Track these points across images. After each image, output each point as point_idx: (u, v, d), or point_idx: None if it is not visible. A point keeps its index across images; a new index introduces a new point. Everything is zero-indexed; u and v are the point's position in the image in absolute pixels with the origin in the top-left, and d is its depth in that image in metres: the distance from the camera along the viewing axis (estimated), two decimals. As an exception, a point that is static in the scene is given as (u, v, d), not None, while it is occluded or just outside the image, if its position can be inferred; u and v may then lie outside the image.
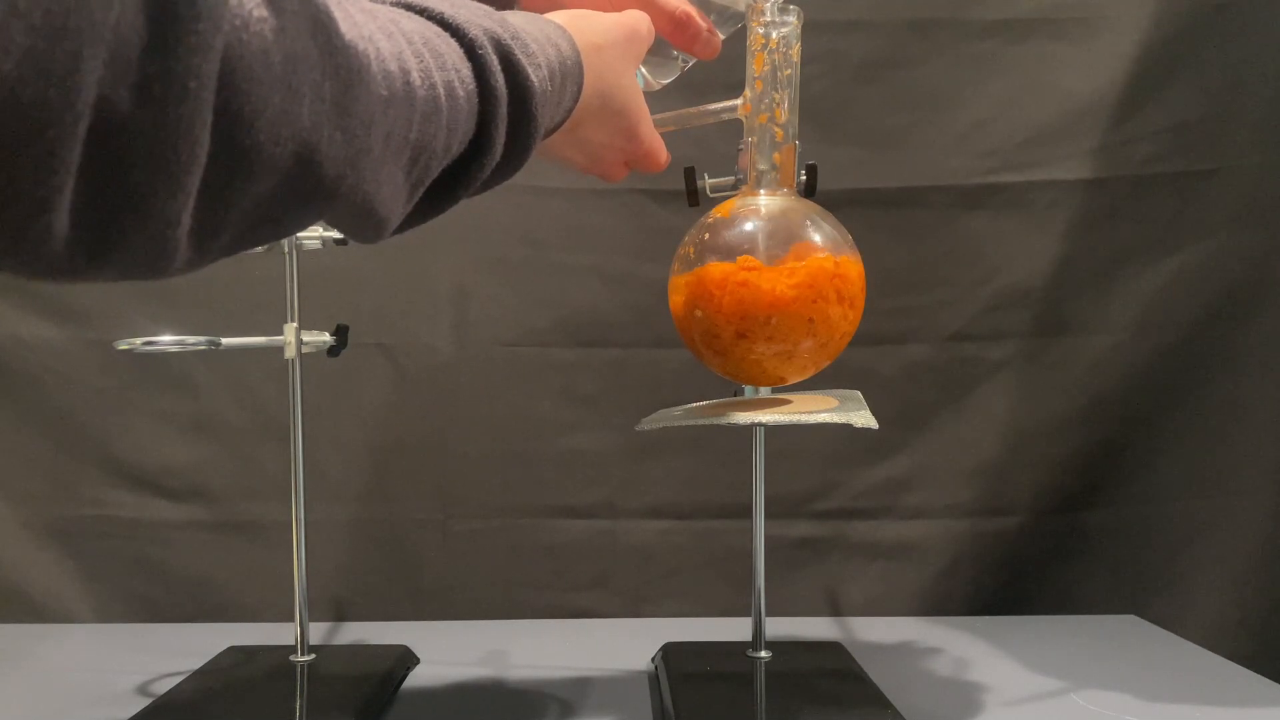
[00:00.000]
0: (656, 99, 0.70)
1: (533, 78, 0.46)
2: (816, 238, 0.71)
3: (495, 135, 0.45)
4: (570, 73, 0.52)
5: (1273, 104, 1.00)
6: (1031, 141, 1.00)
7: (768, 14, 0.72)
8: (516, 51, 0.45)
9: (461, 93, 0.42)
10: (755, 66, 0.73)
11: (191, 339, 0.77)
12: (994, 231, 1.01)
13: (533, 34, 0.48)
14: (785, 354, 0.71)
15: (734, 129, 0.75)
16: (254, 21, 0.29)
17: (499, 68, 0.44)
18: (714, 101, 0.74)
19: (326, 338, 0.82)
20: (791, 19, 0.72)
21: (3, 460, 1.00)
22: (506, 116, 0.45)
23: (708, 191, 0.76)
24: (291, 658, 0.82)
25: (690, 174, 0.75)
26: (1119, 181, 1.00)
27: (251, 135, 0.30)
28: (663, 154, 0.66)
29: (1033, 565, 1.03)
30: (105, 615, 1.00)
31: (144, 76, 0.27)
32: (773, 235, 0.71)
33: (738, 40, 0.74)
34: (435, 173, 0.43)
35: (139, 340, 0.76)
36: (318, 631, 0.97)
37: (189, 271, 0.33)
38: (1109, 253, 1.01)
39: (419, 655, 0.88)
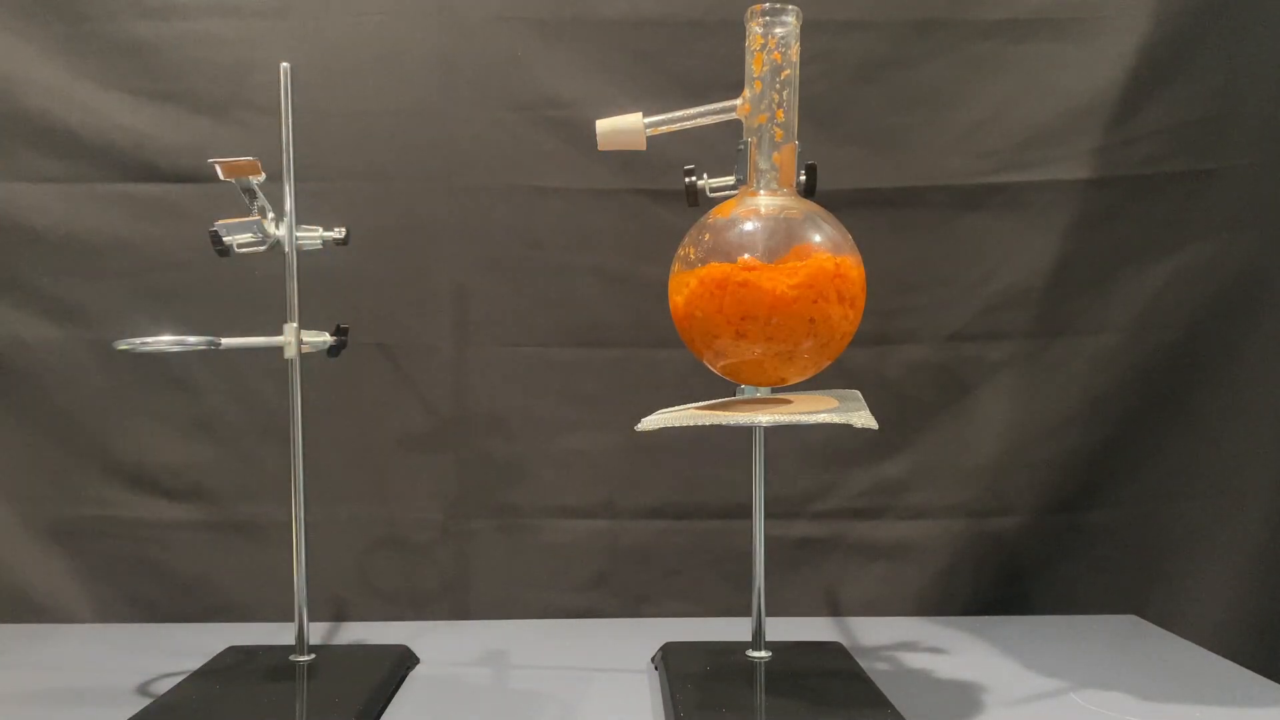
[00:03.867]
0: (657, 99, 0.70)
1: None
2: (817, 238, 0.71)
3: None
4: None
5: (1273, 104, 1.00)
6: (1031, 141, 1.00)
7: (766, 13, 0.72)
8: None
9: None
10: (754, 66, 0.73)
11: (191, 339, 0.77)
12: (994, 231, 1.01)
13: None
14: (786, 354, 0.71)
15: (734, 129, 0.75)
16: None
17: None
18: (714, 101, 0.74)
19: (326, 338, 0.82)
20: (790, 19, 0.72)
21: (3, 460, 1.00)
22: None
23: (708, 191, 0.76)
24: (291, 658, 0.83)
25: (690, 174, 0.75)
26: (1119, 181, 1.00)
27: None
28: None
29: (1033, 565, 1.03)
30: (105, 615, 1.01)
31: None
32: (773, 235, 0.71)
33: (737, 40, 0.74)
34: None
35: (139, 340, 0.76)
36: (318, 631, 0.97)
37: None
38: (1109, 253, 1.01)
39: (419, 655, 0.88)
